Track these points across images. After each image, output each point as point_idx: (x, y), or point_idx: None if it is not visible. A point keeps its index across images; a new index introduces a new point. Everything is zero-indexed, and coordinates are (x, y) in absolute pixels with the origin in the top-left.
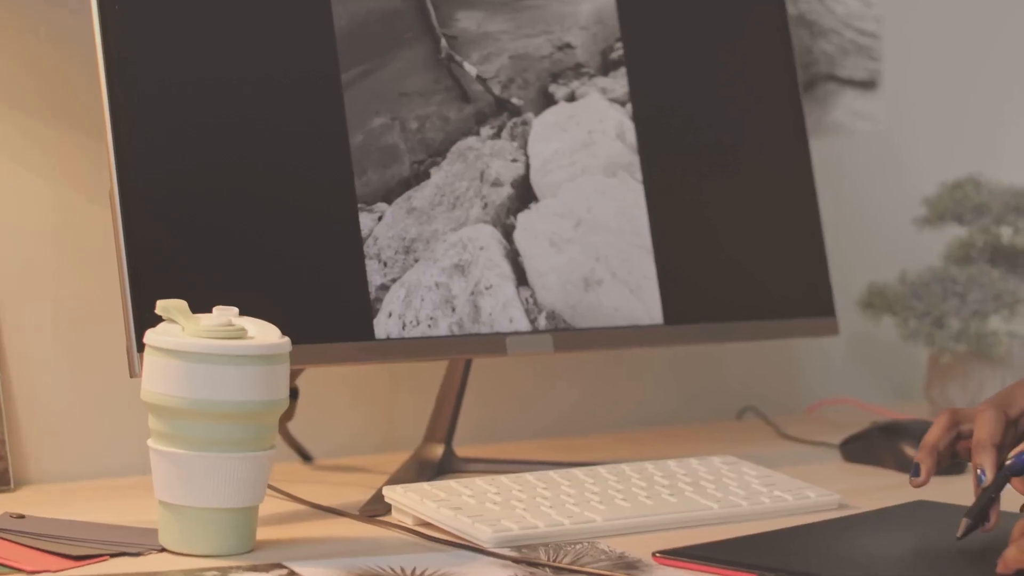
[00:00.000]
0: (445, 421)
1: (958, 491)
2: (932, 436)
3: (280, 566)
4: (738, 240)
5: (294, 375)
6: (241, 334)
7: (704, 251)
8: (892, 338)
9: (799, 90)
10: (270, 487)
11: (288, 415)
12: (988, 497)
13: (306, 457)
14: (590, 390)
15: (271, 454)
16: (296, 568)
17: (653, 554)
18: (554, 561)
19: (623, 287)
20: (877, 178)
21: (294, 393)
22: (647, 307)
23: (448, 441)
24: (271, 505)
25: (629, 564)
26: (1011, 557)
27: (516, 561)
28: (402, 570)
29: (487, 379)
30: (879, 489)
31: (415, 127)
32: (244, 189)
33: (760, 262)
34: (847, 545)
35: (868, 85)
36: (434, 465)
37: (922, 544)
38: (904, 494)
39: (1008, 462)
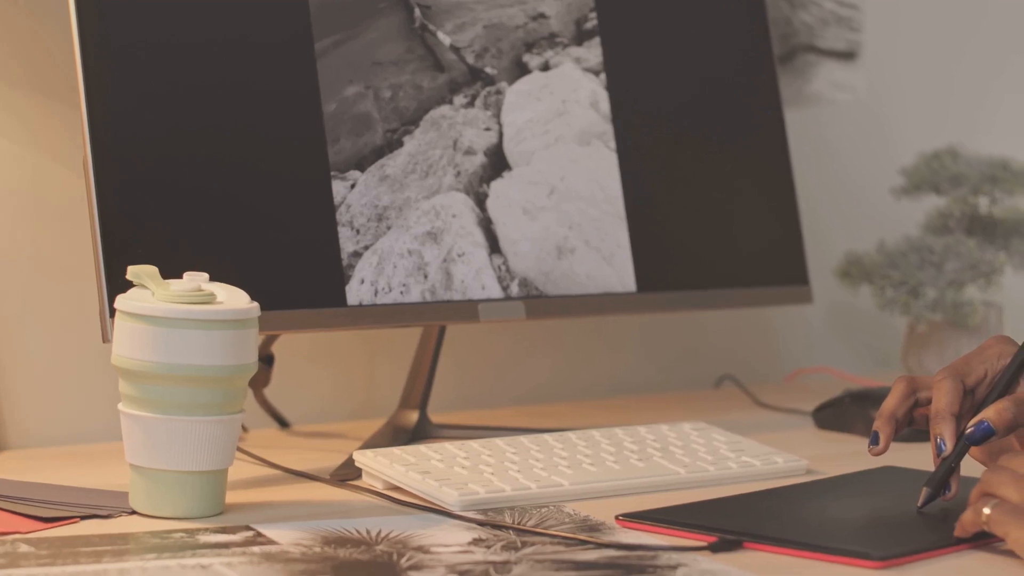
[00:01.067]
0: (420, 388)
1: (925, 457)
2: (890, 404)
3: (248, 528)
4: (712, 209)
5: (269, 341)
6: (210, 299)
7: (678, 220)
8: (871, 307)
9: (774, 59)
10: (243, 452)
11: (264, 381)
12: (948, 466)
13: (283, 423)
14: (568, 359)
15: (239, 418)
16: (263, 530)
17: (616, 517)
18: (519, 524)
19: (596, 255)
20: (861, 148)
21: (270, 360)
22: (620, 275)
23: (422, 407)
24: (244, 469)
25: (592, 527)
26: (967, 520)
27: (481, 524)
28: (367, 532)
29: (465, 347)
30: (848, 455)
31: (388, 96)
32: (217, 157)
33: (734, 230)
34: (811, 509)
35: (848, 56)
36: (408, 431)
37: (886, 509)
38: (872, 460)
39: (967, 431)
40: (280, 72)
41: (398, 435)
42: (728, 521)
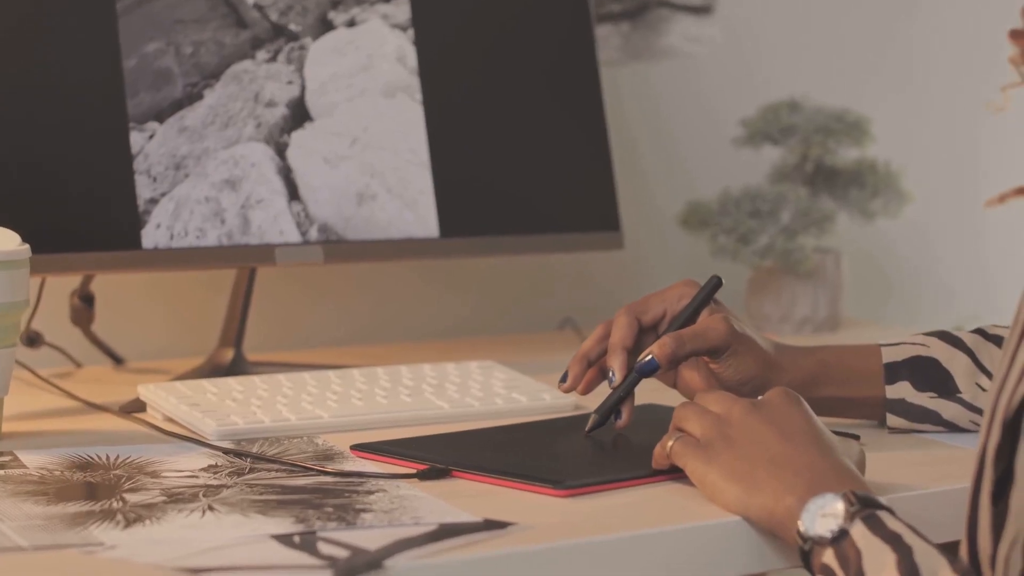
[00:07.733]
0: (234, 326)
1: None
2: (584, 346)
3: (9, 454)
4: (521, 157)
5: (87, 281)
6: None
7: (484, 167)
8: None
9: (590, 10)
10: (48, 382)
11: (89, 319)
12: (617, 396)
13: (116, 359)
14: (408, 299)
15: (11, 351)
16: (22, 455)
17: (351, 447)
18: (261, 452)
19: (398, 201)
20: (728, 96)
21: (89, 299)
22: (422, 220)
23: (237, 345)
24: (44, 400)
25: (326, 456)
26: (657, 453)
27: (225, 452)
28: (107, 457)
29: (298, 288)
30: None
31: (189, 52)
32: (18, 106)
33: (544, 178)
34: (537, 443)
35: (703, 10)
36: (223, 368)
37: (614, 443)
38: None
39: (638, 364)
40: (81, 29)
41: (213, 372)
42: (447, 452)
